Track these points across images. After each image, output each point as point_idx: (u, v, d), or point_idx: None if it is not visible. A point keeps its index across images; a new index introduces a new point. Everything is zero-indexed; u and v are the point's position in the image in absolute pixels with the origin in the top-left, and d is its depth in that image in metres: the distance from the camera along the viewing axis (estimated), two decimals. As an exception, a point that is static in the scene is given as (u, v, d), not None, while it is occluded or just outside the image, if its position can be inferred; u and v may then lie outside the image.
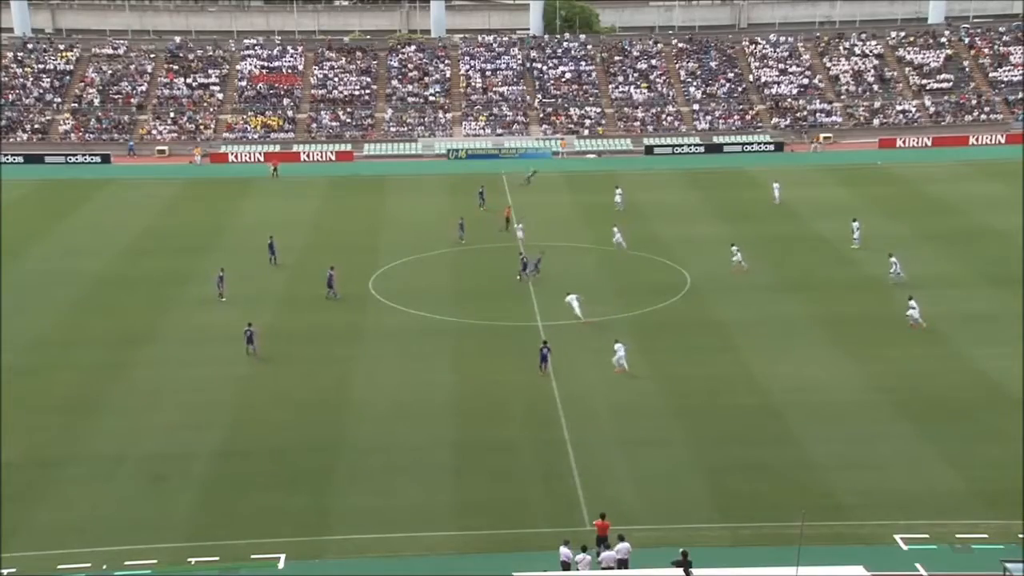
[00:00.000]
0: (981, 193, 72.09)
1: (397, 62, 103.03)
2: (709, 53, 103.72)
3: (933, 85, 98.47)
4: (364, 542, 31.90)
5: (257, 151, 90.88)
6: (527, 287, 54.39)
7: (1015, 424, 38.11)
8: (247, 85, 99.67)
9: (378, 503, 34.06)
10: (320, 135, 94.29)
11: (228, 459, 37.01)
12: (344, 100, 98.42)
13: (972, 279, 54.23)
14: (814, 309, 50.43)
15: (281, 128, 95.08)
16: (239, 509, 33.87)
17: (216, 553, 31.40)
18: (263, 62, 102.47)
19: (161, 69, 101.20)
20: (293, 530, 32.48)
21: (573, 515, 33.02)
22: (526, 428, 39.12)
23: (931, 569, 29.69)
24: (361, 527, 32.61)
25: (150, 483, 35.41)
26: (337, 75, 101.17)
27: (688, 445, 37.58)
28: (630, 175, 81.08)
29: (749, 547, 31.01)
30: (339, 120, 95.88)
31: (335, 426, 39.40)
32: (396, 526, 32.64)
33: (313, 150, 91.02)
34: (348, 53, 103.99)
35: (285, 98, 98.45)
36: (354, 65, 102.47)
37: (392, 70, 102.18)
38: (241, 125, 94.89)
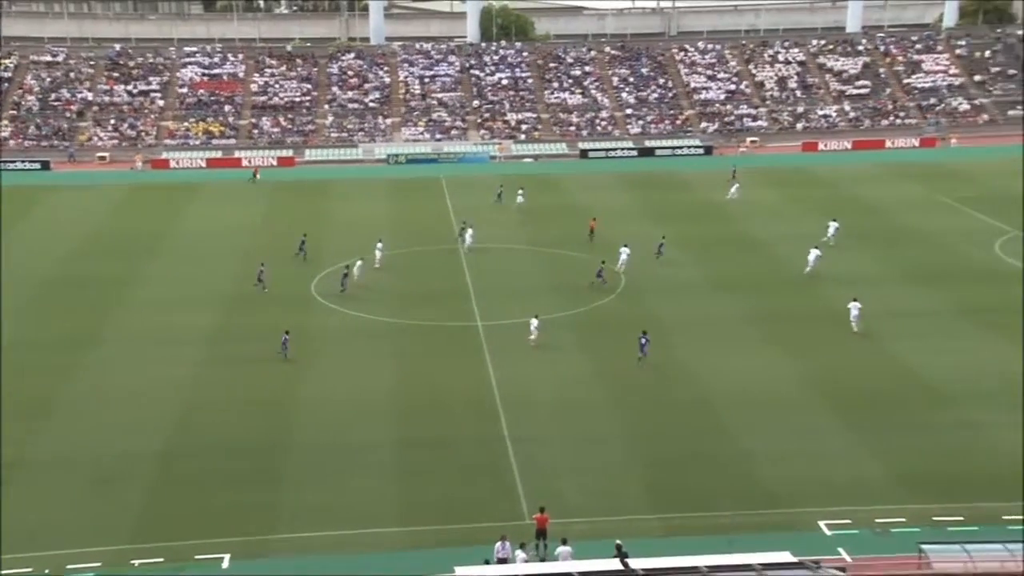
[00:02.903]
0: (898, 194, 74.69)
1: (337, 69, 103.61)
2: (641, 60, 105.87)
3: (852, 91, 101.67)
4: (310, 540, 32.58)
5: (199, 157, 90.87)
6: (467, 289, 55.59)
7: (932, 414, 40.14)
8: (188, 92, 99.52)
9: (323, 501, 34.78)
10: (262, 141, 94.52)
11: (174, 460, 37.49)
12: (285, 106, 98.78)
13: (894, 277, 56.44)
14: (746, 307, 52.15)
15: (223, 134, 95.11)
16: (184, 510, 34.31)
17: (160, 554, 31.77)
18: (204, 69, 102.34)
19: (101, 76, 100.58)
20: (239, 530, 32.98)
21: (513, 509, 34.02)
22: (467, 425, 40.14)
23: (853, 553, 31.16)
24: (307, 525, 33.29)
25: (95, 486, 35.67)
26: (278, 82, 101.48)
27: (625, 439, 38.90)
28: (566, 178, 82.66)
29: (682, 537, 32.12)
30: (280, 126, 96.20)
31: (280, 426, 40.07)
32: (341, 523, 33.40)
33: (255, 155, 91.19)
34: (289, 60, 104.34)
35: (227, 105, 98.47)
36: (295, 72, 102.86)
37: (332, 77, 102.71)
38: (183, 132, 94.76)
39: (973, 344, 46.97)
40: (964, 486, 34.77)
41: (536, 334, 47.47)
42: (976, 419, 39.59)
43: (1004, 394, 41.61)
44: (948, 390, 42.20)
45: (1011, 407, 40.45)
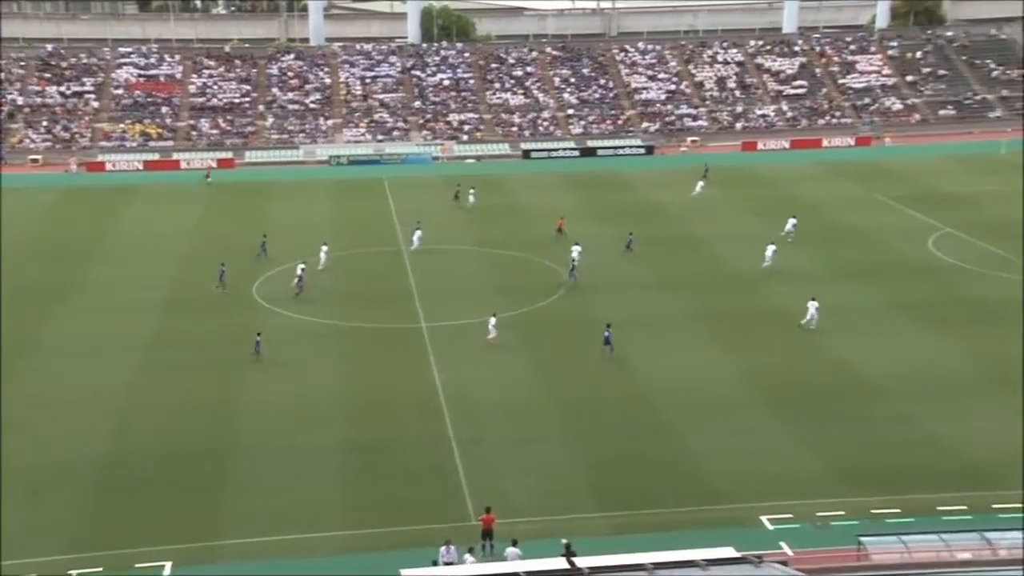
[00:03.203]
0: (836, 192, 75.94)
1: (277, 70, 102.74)
2: (582, 60, 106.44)
3: (789, 91, 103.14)
4: (254, 545, 32.35)
5: (135, 159, 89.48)
6: (411, 290, 55.51)
7: (870, 408, 40.92)
8: (124, 93, 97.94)
9: (268, 506, 34.56)
10: (200, 143, 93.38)
11: (113, 468, 36.97)
12: (224, 108, 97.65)
13: (832, 273, 57.36)
14: (689, 305, 52.71)
15: (160, 136, 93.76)
16: (124, 518, 33.86)
17: (99, 564, 31.34)
18: (140, 70, 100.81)
19: (32, 77, 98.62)
20: (180, 536, 32.65)
21: (459, 510, 34.10)
22: (412, 427, 40.12)
23: (794, 546, 31.66)
24: (251, 531, 33.06)
25: (31, 496, 35.05)
26: (216, 83, 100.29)
27: (570, 438, 39.14)
28: (508, 179, 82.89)
29: (628, 535, 32.41)
30: (219, 128, 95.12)
31: (223, 431, 39.73)
32: (286, 528, 33.19)
33: (193, 158, 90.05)
34: (227, 61, 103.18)
35: (163, 106, 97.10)
36: (234, 73, 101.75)
37: (272, 78, 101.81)
38: (118, 134, 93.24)
39: (908, 339, 47.96)
40: (900, 479, 35.52)
41: (495, 332, 47.66)
42: (911, 412, 40.46)
43: (938, 387, 42.60)
44: (885, 384, 43.04)
45: (945, 399, 41.47)
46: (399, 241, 64.94)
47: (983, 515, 32.67)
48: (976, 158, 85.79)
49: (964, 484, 34.97)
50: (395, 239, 65.35)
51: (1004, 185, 76.06)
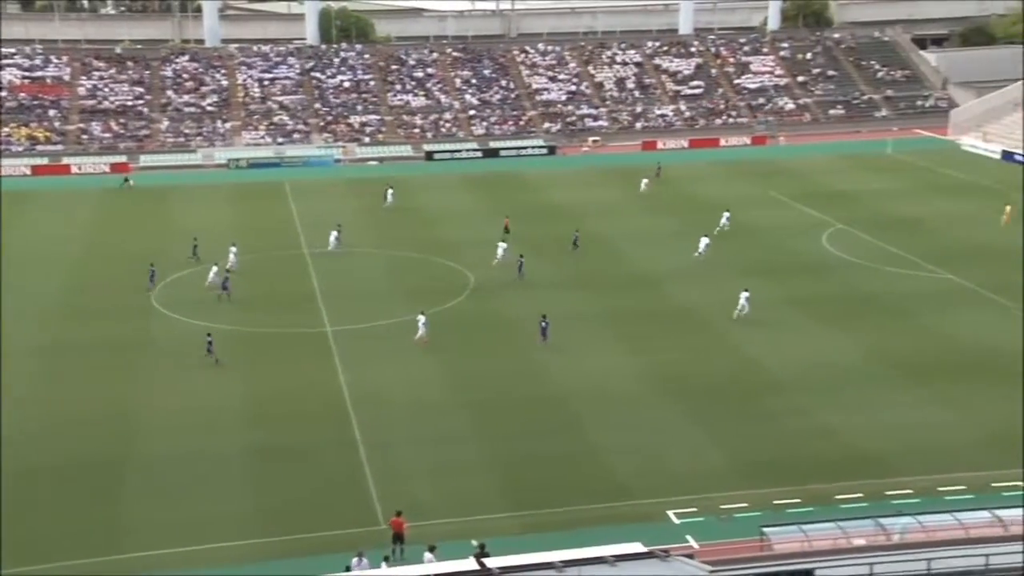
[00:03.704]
0: (733, 191, 77.53)
1: (171, 72, 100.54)
2: (483, 62, 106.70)
3: (687, 91, 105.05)
4: (158, 558, 31.71)
5: (22, 164, 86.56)
6: (315, 294, 54.97)
7: (770, 402, 41.94)
8: (8, 95, 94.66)
9: (172, 516, 33.94)
10: (92, 146, 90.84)
11: (5, 483, 35.60)
12: (116, 111, 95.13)
13: (731, 270, 58.47)
14: (596, 304, 53.24)
15: (48, 140, 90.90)
16: (14, 536, 32.71)
17: (-5, 583, 30.49)
18: (24, 72, 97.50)
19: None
20: (80, 552, 31.81)
21: (368, 515, 33.96)
22: (318, 431, 39.78)
23: (700, 539, 32.35)
24: (154, 543, 32.40)
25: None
26: (107, 85, 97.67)
27: (479, 438, 39.27)
28: (411, 180, 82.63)
29: (539, 533, 32.58)
30: (112, 131, 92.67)
31: (122, 440, 38.84)
32: (191, 539, 32.64)
33: (85, 162, 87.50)
34: (118, 63, 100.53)
35: (51, 109, 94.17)
36: (125, 75, 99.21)
37: (167, 80, 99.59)
38: (3, 137, 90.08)
39: (806, 333, 49.29)
40: (800, 470, 36.49)
41: (424, 331, 47.60)
42: (810, 405, 41.61)
43: (835, 380, 43.87)
44: (784, 378, 44.18)
45: (841, 392, 42.73)
46: (302, 244, 64.24)
47: (877, 502, 33.75)
48: (865, 156, 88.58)
49: (859, 473, 36.09)
50: (297, 242, 64.62)
51: (891, 182, 78.75)
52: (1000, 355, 45.91)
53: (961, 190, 76.11)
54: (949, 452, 37.57)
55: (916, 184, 78.02)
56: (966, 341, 47.70)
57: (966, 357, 45.95)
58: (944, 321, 50.11)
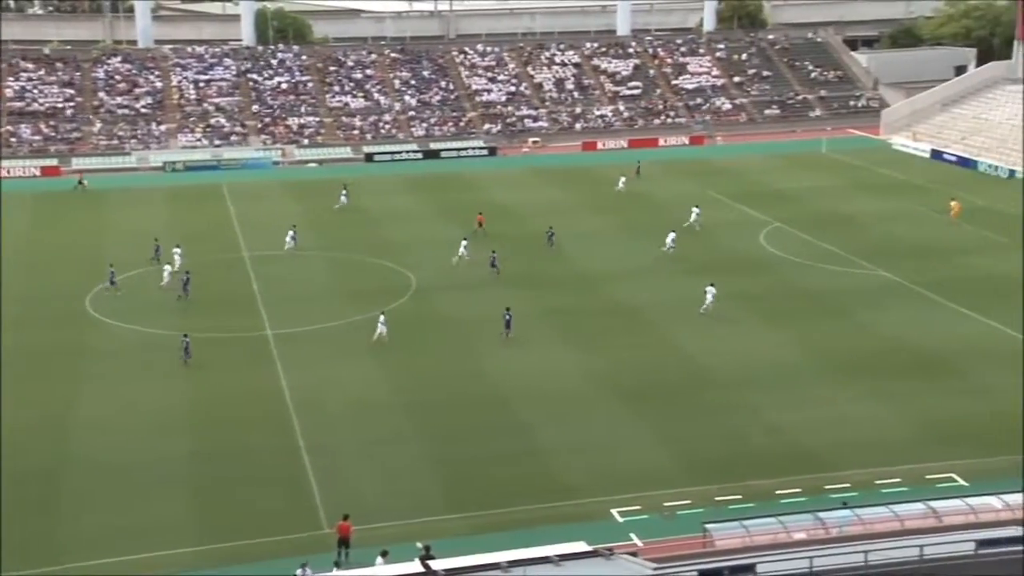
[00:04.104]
0: (672, 190, 78.29)
1: (103, 73, 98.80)
2: (422, 63, 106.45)
3: (625, 92, 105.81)
4: (98, 568, 31.16)
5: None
6: (255, 297, 54.45)
7: (711, 398, 42.39)
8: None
9: (111, 526, 33.39)
10: (21, 150, 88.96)
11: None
12: (47, 113, 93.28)
13: (671, 269, 59.03)
14: (536, 303, 53.28)
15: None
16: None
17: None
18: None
19: None
20: (14, 566, 31.06)
21: (312, 519, 33.70)
22: (260, 436, 39.41)
23: (643, 537, 32.57)
24: (93, 553, 31.83)
25: None
26: (36, 87, 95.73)
27: (423, 439, 39.16)
28: (351, 181, 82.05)
29: (484, 534, 32.57)
30: (42, 134, 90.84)
31: (59, 449, 38.11)
32: (131, 548, 32.12)
33: (14, 165, 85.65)
34: (48, 64, 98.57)
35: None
36: (55, 77, 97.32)
37: (99, 82, 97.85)
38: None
39: (745, 330, 49.89)
40: (741, 466, 36.91)
41: (383, 329, 47.52)
42: (750, 402, 42.12)
43: (774, 377, 44.46)
44: (725, 376, 44.67)
45: (780, 388, 43.32)
46: (241, 247, 63.58)
47: (816, 496, 34.25)
48: (800, 155, 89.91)
49: (799, 468, 36.60)
50: (237, 245, 63.93)
51: (826, 181, 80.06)
52: (933, 350, 46.91)
53: (893, 188, 77.64)
54: (885, 446, 38.28)
55: (850, 183, 79.42)
56: (901, 337, 48.63)
57: (901, 352, 46.86)
58: (879, 317, 51.05)
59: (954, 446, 38.01)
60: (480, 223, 65.84)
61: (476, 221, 65.99)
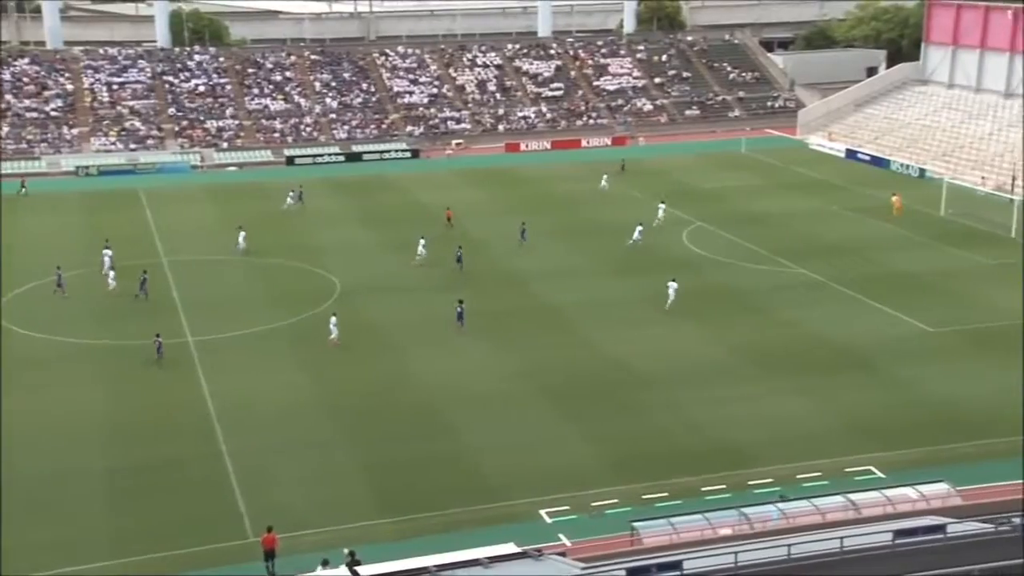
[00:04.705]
0: (595, 190, 78.89)
1: (10, 75, 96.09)
2: (342, 65, 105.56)
3: (547, 93, 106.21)
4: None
5: None
6: (175, 304, 53.42)
7: (636, 397, 42.67)
8: None
9: (31, 541, 32.45)
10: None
11: None
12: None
13: (594, 268, 59.43)
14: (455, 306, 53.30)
15: None
16: None
17: None
18: None
19: None
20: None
21: (237, 529, 33.18)
22: (182, 445, 38.69)
23: (572, 537, 32.57)
24: (12, 568, 30.83)
25: None
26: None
27: (349, 445, 38.77)
28: (272, 185, 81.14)
29: (413, 538, 32.35)
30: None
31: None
32: (52, 563, 31.27)
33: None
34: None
35: None
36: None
37: (5, 84, 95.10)
38: None
39: (669, 329, 50.30)
40: (667, 464, 37.19)
41: (336, 332, 47.26)
42: (675, 399, 42.49)
43: (698, 374, 44.93)
44: (650, 374, 44.98)
45: (704, 386, 43.78)
46: (160, 253, 62.32)
47: (740, 492, 34.71)
48: (720, 155, 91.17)
49: (724, 465, 37.01)
50: (155, 251, 62.63)
51: (746, 180, 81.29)
52: (851, 345, 47.85)
53: (810, 187, 79.11)
54: (806, 441, 38.90)
55: (769, 182, 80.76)
56: (820, 333, 49.51)
57: (820, 348, 47.72)
58: (799, 314, 51.93)
59: (872, 439, 38.79)
60: (448, 218, 67.05)
61: (445, 216, 67.51)
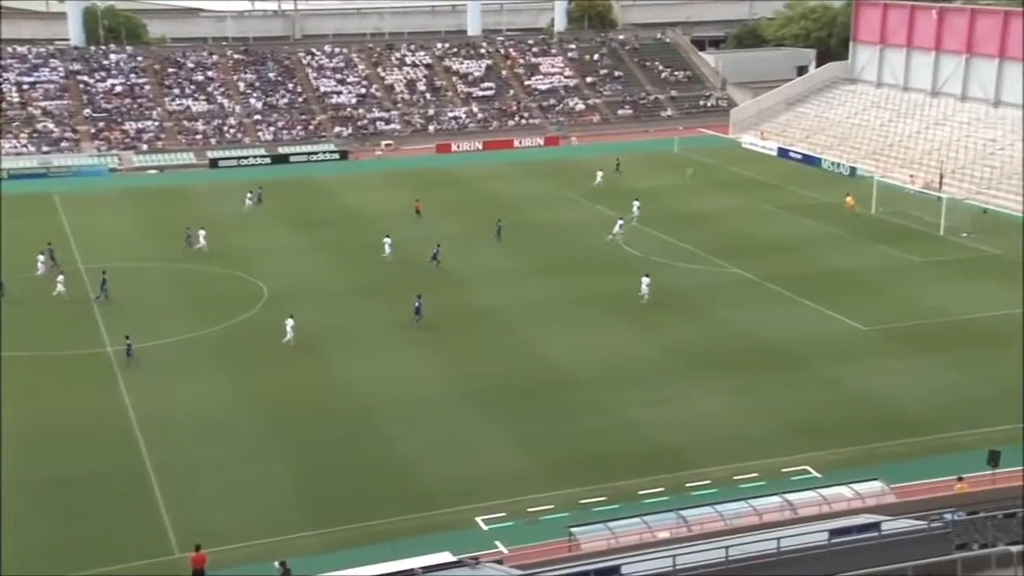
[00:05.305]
0: (528, 190, 78.32)
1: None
2: (267, 64, 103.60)
3: (478, 93, 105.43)
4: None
5: None
6: (93, 313, 51.60)
7: (570, 400, 42.10)
8: None
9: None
10: None
11: None
12: None
13: (527, 269, 58.81)
14: (386, 310, 52.22)
15: None
16: None
17: None
18: None
19: None
20: None
21: (162, 545, 32.04)
22: (103, 460, 37.31)
23: (508, 544, 32.02)
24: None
25: None
26: None
27: (278, 455, 37.70)
28: (195, 188, 79.31)
29: (346, 549, 31.62)
30: None
31: None
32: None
33: None
34: None
35: None
36: None
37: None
38: None
39: (603, 330, 49.87)
40: (604, 467, 36.69)
41: (291, 334, 46.42)
42: (610, 402, 42.00)
43: (634, 375, 44.49)
44: (584, 376, 44.47)
45: (639, 387, 43.37)
46: (77, 260, 60.27)
47: (678, 494, 34.36)
48: (654, 155, 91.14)
49: (661, 467, 36.62)
50: (72, 258, 60.52)
51: (679, 180, 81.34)
52: (784, 344, 47.85)
53: (743, 186, 79.42)
54: (743, 441, 38.68)
55: (702, 182, 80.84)
56: (754, 332, 49.44)
57: (754, 347, 47.62)
58: (733, 314, 51.84)
59: (807, 438, 38.69)
60: (417, 210, 67.84)
61: (414, 208, 68.96)
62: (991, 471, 34.20)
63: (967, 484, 33.12)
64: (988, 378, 43.66)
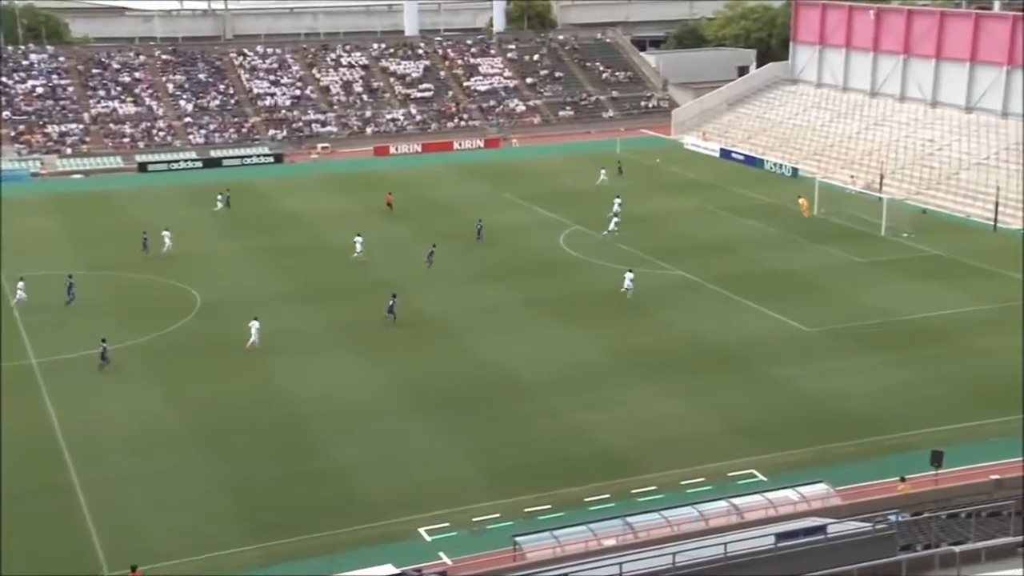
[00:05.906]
0: (468, 193, 77.52)
1: None
2: (197, 65, 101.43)
3: (416, 94, 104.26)
4: None
5: None
6: (15, 322, 49.67)
7: (514, 406, 41.37)
8: None
9: None
10: None
11: None
12: None
13: (471, 274, 57.72)
14: (325, 317, 51.11)
15: None
16: None
17: None
18: None
19: None
20: None
21: (91, 564, 30.81)
22: (27, 477, 35.76)
23: (452, 555, 31.29)
24: None
25: None
26: None
27: (212, 469, 36.51)
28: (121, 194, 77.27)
29: (285, 563, 30.84)
30: None
31: None
32: None
33: None
34: None
35: None
36: None
37: None
38: None
39: (548, 334, 49.13)
40: (549, 474, 35.98)
41: (256, 337, 45.65)
42: (555, 407, 41.30)
43: (579, 380, 43.84)
44: (528, 381, 43.75)
45: (584, 391, 42.73)
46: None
47: (624, 501, 33.85)
48: (596, 157, 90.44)
49: (607, 473, 35.99)
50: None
51: (621, 182, 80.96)
52: (728, 346, 47.55)
53: (685, 188, 79.29)
54: (688, 445, 38.23)
55: (645, 183, 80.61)
56: (698, 333, 49.13)
57: (698, 349, 47.28)
58: (678, 316, 51.48)
59: (753, 441, 38.37)
60: (389, 203, 69.17)
61: (385, 202, 70.22)
62: (934, 471, 34.17)
63: (910, 484, 33.17)
64: (932, 378, 43.80)
